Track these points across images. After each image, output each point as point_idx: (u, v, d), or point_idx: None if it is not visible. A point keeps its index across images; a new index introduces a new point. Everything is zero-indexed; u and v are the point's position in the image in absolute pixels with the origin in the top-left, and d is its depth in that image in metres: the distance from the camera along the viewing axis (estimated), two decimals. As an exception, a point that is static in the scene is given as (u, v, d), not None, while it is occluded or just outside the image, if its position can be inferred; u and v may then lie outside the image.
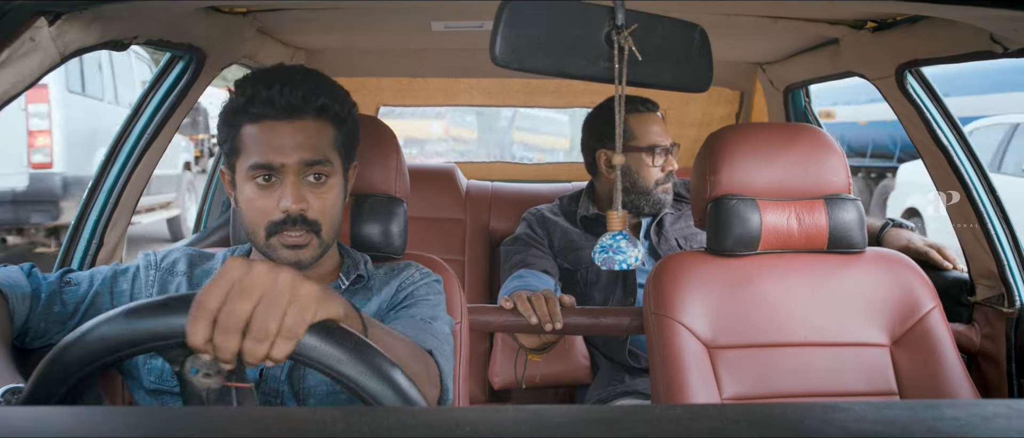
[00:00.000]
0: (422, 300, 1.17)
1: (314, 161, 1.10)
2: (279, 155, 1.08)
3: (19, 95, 1.02)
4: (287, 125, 1.09)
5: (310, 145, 1.10)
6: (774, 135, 1.53)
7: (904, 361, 1.46)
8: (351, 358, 0.70)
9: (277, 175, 1.10)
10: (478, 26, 1.90)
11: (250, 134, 1.10)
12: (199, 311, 0.66)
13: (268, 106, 1.08)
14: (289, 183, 1.09)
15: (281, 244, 1.11)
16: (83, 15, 1.06)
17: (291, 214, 1.09)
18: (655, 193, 1.89)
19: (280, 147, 1.09)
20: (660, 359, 1.44)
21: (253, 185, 1.10)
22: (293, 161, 1.09)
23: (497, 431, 0.42)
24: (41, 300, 1.10)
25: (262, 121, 1.09)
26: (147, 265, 1.20)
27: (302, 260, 1.12)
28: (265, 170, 1.09)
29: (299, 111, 1.10)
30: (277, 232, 1.10)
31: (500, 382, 2.04)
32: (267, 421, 0.45)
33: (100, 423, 0.43)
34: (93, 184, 1.55)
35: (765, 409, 0.46)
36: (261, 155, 1.09)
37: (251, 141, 1.10)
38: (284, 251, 1.11)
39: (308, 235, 1.11)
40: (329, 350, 0.70)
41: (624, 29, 0.94)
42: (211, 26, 1.53)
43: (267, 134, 1.09)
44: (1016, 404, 0.46)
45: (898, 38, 1.57)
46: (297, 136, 1.09)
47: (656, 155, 1.87)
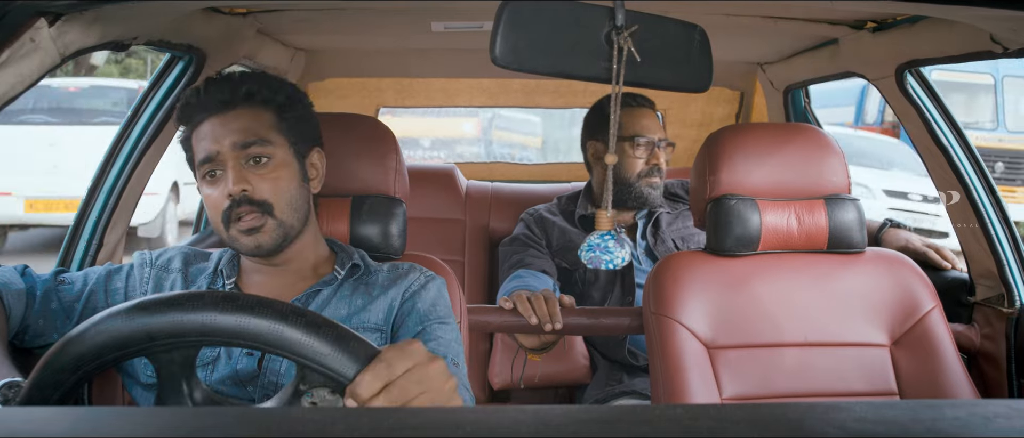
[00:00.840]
0: (443, 323, 1.16)
1: (248, 143, 1.13)
2: (215, 143, 1.13)
3: (19, 95, 1.02)
4: (219, 118, 1.14)
5: (242, 128, 1.14)
6: (774, 135, 1.53)
7: (904, 361, 1.46)
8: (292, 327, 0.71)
9: (219, 167, 1.13)
10: (478, 27, 1.90)
11: (195, 138, 1.16)
12: (382, 372, 0.70)
13: (201, 108, 1.15)
14: (230, 168, 1.12)
15: (239, 231, 1.13)
16: (83, 16, 1.06)
17: (234, 196, 1.11)
18: (637, 185, 1.89)
19: (215, 136, 1.13)
20: (660, 359, 1.43)
21: (206, 184, 1.15)
22: (226, 145, 1.12)
23: (497, 431, 0.42)
24: (38, 298, 1.11)
25: (201, 123, 1.15)
26: (141, 263, 1.20)
27: (262, 243, 1.13)
28: (208, 164, 1.13)
29: (228, 103, 1.15)
30: (231, 219, 1.12)
31: (500, 382, 2.04)
32: (267, 421, 0.45)
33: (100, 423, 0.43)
34: (93, 184, 1.55)
35: (765, 409, 0.46)
36: (202, 150, 1.14)
37: (197, 143, 1.16)
38: (243, 238, 1.13)
39: (261, 216, 1.12)
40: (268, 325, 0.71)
41: (624, 30, 0.94)
42: (211, 26, 1.53)
43: (205, 130, 1.14)
44: (1016, 404, 0.46)
45: (898, 38, 1.57)
46: (229, 125, 1.14)
47: (639, 146, 1.87)
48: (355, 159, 1.39)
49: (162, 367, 0.73)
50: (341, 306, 1.17)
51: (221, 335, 0.70)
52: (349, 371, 0.70)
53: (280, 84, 1.21)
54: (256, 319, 0.70)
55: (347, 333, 0.72)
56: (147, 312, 0.70)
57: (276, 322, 0.70)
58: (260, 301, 0.71)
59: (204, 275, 1.20)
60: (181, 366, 0.73)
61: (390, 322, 1.17)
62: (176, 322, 0.70)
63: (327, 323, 0.71)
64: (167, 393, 0.74)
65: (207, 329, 0.70)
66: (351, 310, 1.17)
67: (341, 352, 0.70)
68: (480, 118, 11.23)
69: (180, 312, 0.70)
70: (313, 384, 0.71)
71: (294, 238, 1.17)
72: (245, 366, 1.10)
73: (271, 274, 1.20)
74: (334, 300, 1.18)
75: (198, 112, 1.15)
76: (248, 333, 0.70)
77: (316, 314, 0.72)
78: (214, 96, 1.15)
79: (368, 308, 1.17)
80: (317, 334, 0.70)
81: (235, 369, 1.10)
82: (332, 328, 0.71)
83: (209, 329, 0.70)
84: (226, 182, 1.12)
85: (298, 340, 0.70)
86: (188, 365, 0.74)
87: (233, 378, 1.09)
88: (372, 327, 1.16)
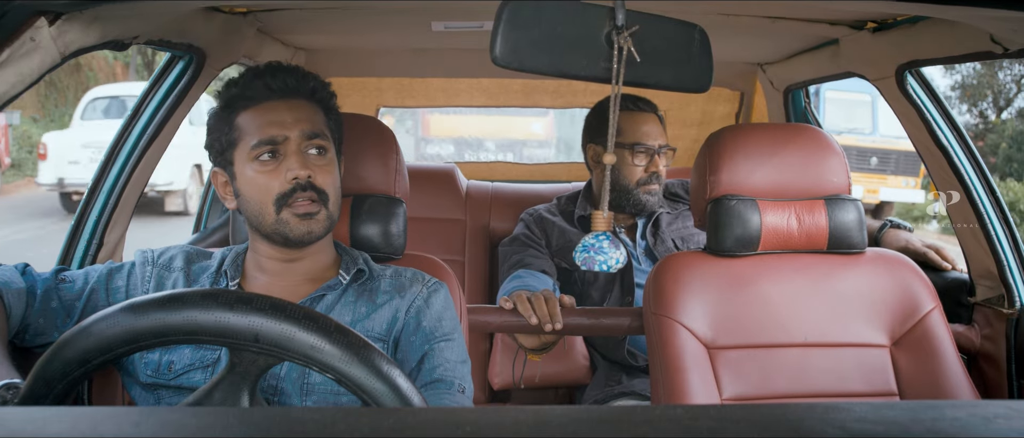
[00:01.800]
0: (448, 339, 1.17)
1: (314, 134, 1.15)
2: (281, 129, 1.13)
3: (19, 95, 1.02)
4: (284, 104, 1.15)
5: (308, 119, 1.16)
6: (774, 135, 1.53)
7: (904, 362, 1.46)
8: (355, 360, 0.73)
9: (280, 149, 1.13)
10: (478, 26, 1.90)
11: (247, 119, 1.15)
12: None
13: (264, 89, 1.14)
14: (293, 154, 1.13)
15: (293, 214, 1.13)
16: (83, 15, 1.06)
17: (300, 180, 1.13)
18: (636, 192, 1.89)
19: (281, 122, 1.13)
20: (660, 359, 1.43)
21: (256, 165, 1.14)
22: (295, 133, 1.13)
23: (497, 431, 0.42)
24: (38, 297, 1.11)
25: (259, 104, 1.14)
26: (143, 261, 1.20)
27: (313, 231, 1.15)
28: (268, 146, 1.13)
29: (294, 91, 1.16)
30: (287, 203, 1.13)
31: (500, 382, 2.04)
32: (267, 421, 0.45)
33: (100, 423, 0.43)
34: (93, 184, 1.55)
35: (765, 409, 0.46)
36: (263, 132, 1.13)
37: (250, 125, 1.14)
38: (296, 221, 1.13)
39: (318, 204, 1.14)
40: (334, 351, 0.72)
41: (624, 29, 0.94)
42: (211, 26, 1.53)
43: (266, 113, 1.14)
44: (1016, 405, 0.46)
45: (898, 38, 1.57)
46: (295, 113, 1.15)
47: (638, 153, 1.88)
48: (355, 159, 1.39)
49: (239, 364, 0.75)
50: (345, 312, 1.17)
51: (320, 364, 0.73)
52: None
53: (329, 88, 1.24)
54: (330, 346, 0.73)
55: (407, 384, 0.75)
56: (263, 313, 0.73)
57: (370, 371, 0.73)
58: (338, 327, 0.74)
59: (206, 274, 1.20)
60: (260, 371, 0.76)
61: (393, 333, 1.17)
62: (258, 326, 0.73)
63: (391, 365, 0.75)
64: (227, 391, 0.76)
65: (311, 354, 0.73)
66: (355, 317, 1.17)
67: (399, 401, 0.74)
68: (552, 117, 10.79)
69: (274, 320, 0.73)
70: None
71: (331, 229, 1.20)
72: None
73: (279, 274, 1.20)
74: (338, 306, 1.18)
75: (259, 93, 1.15)
76: (320, 361, 0.73)
77: (383, 354, 0.75)
78: (280, 82, 1.15)
79: (371, 316, 1.17)
80: (380, 377, 0.74)
81: None
82: (396, 372, 0.75)
83: (312, 355, 0.73)
84: (287, 167, 1.13)
85: (364, 377, 0.73)
86: (261, 372, 0.76)
87: None
88: (375, 337, 1.16)
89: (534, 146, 11.02)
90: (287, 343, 0.72)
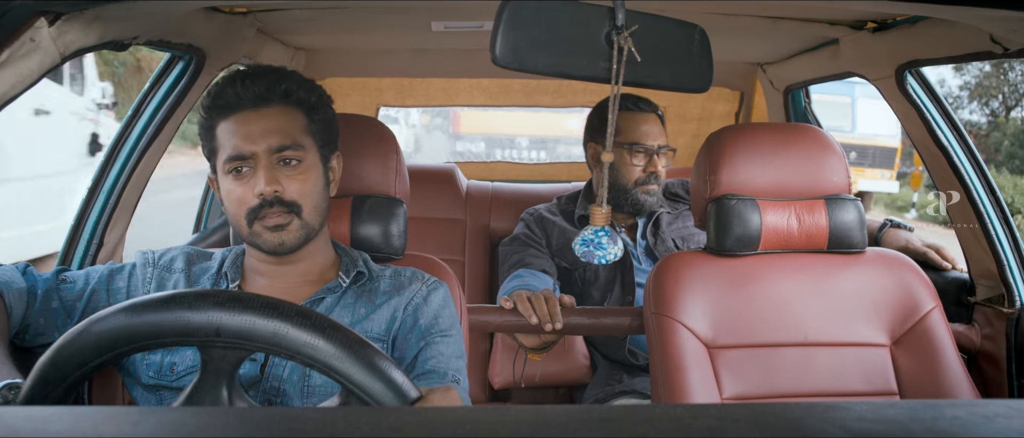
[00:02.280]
0: (445, 335, 1.16)
1: (283, 146, 1.13)
2: (249, 143, 1.12)
3: (19, 95, 1.02)
4: (255, 113, 1.13)
5: (278, 130, 1.14)
6: (774, 135, 1.53)
7: (904, 361, 1.46)
8: (352, 358, 0.74)
9: (250, 164, 1.13)
10: (478, 26, 1.90)
11: (224, 130, 1.14)
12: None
13: (235, 98, 1.13)
14: (261, 168, 1.12)
15: (264, 228, 1.13)
16: (83, 15, 1.06)
17: (266, 197, 1.12)
18: (634, 192, 1.89)
19: (249, 135, 1.12)
20: (660, 359, 1.43)
21: (230, 178, 1.14)
22: (262, 148, 1.12)
23: (497, 431, 0.42)
24: (39, 297, 1.11)
25: (232, 113, 1.14)
26: (144, 263, 1.20)
27: (285, 241, 1.14)
28: (238, 161, 1.12)
29: (265, 99, 1.14)
30: (257, 217, 1.12)
31: (500, 382, 2.04)
32: (267, 421, 0.45)
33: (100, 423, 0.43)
34: (93, 184, 1.55)
35: (765, 409, 0.46)
36: (233, 147, 1.12)
37: (224, 136, 1.14)
38: (267, 234, 1.13)
39: (288, 215, 1.13)
40: (332, 351, 0.72)
41: (624, 29, 0.94)
42: (211, 26, 1.53)
43: (238, 125, 1.13)
44: (1016, 404, 0.46)
45: (898, 38, 1.57)
46: (265, 123, 1.13)
47: (636, 153, 1.88)
48: (355, 159, 1.39)
49: (209, 361, 0.75)
50: (344, 314, 1.17)
51: (288, 350, 0.73)
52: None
53: (312, 86, 1.20)
54: (324, 343, 0.73)
55: (399, 375, 0.76)
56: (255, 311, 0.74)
57: (341, 349, 0.73)
58: (332, 323, 0.75)
59: (207, 276, 1.20)
60: (233, 366, 0.76)
61: (392, 333, 1.17)
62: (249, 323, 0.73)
63: (383, 358, 0.75)
64: (205, 391, 0.76)
65: (276, 341, 0.73)
66: (354, 318, 1.17)
67: (390, 390, 0.74)
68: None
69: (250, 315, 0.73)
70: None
71: (312, 239, 1.18)
72: (248, 371, 1.10)
73: (276, 277, 1.19)
74: (338, 308, 1.18)
75: (230, 105, 1.14)
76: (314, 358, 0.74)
77: (376, 349, 0.76)
78: (250, 91, 1.13)
79: (371, 317, 1.17)
80: (372, 371, 0.74)
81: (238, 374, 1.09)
82: (387, 364, 0.75)
83: (278, 341, 0.73)
84: (256, 181, 1.12)
85: (356, 371, 0.74)
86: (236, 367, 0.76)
87: None
88: (374, 337, 1.16)
89: (570, 143, 10.66)
90: (249, 333, 0.72)
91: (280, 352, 0.73)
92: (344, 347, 0.73)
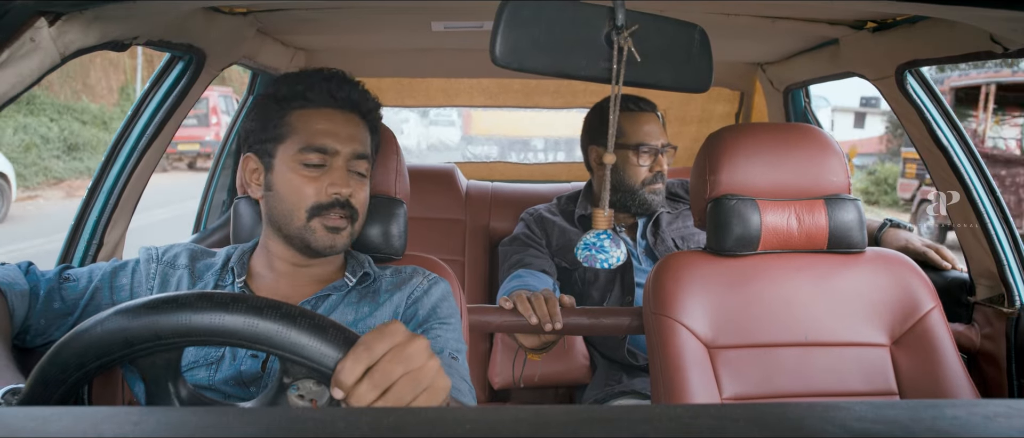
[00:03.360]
0: (444, 323, 1.17)
1: (362, 155, 1.17)
2: (334, 141, 1.14)
3: (19, 96, 1.02)
4: (341, 116, 1.16)
5: (360, 139, 1.17)
6: (774, 135, 1.53)
7: (904, 361, 1.46)
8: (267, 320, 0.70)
9: (328, 160, 1.14)
10: (478, 26, 1.90)
11: (301, 119, 1.15)
12: (362, 356, 0.69)
13: (327, 96, 1.16)
14: (339, 168, 1.15)
15: (323, 225, 1.14)
16: (83, 15, 1.06)
17: (341, 197, 1.14)
18: (641, 193, 1.90)
19: (336, 134, 1.14)
20: (660, 359, 1.43)
21: (300, 168, 1.14)
22: (347, 150, 1.15)
23: (497, 431, 0.42)
24: (41, 297, 1.11)
25: (318, 108, 1.15)
26: (148, 259, 1.20)
27: (337, 245, 1.16)
28: (318, 154, 1.14)
29: (355, 106, 1.18)
30: (320, 214, 1.14)
31: (500, 382, 2.04)
32: (267, 421, 0.45)
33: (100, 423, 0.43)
34: (93, 184, 1.55)
35: (765, 409, 0.46)
36: (316, 139, 1.14)
37: (303, 126, 1.15)
38: (323, 233, 1.14)
39: (347, 221, 1.16)
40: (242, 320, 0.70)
41: (624, 29, 0.94)
42: (211, 26, 1.53)
43: (322, 120, 1.15)
44: (1016, 404, 0.46)
45: (898, 38, 1.57)
46: (350, 129, 1.16)
47: (643, 154, 1.88)
48: None
49: (146, 372, 0.72)
50: (347, 312, 1.18)
51: (199, 334, 0.70)
52: (330, 360, 0.69)
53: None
54: (231, 315, 0.69)
55: (325, 322, 0.71)
56: (126, 316, 0.70)
57: (251, 317, 0.69)
58: (234, 298, 0.70)
59: (211, 272, 1.20)
60: (165, 369, 0.73)
61: None
62: (153, 325, 0.69)
63: (304, 314, 0.71)
64: (154, 397, 0.73)
65: (183, 330, 0.70)
66: (357, 316, 1.18)
67: (320, 341, 0.70)
68: None
69: (157, 315, 0.70)
70: (297, 377, 0.71)
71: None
72: (249, 367, 1.10)
73: (289, 276, 1.20)
74: (342, 306, 1.19)
75: (318, 99, 1.16)
76: (224, 330, 0.69)
77: (291, 306, 0.71)
78: (345, 92, 1.16)
79: (374, 315, 1.18)
80: (294, 325, 0.70)
81: (239, 370, 1.09)
82: (308, 318, 0.70)
83: (185, 330, 0.70)
84: (334, 180, 1.14)
85: (275, 333, 0.69)
86: (172, 368, 0.73)
87: (236, 379, 1.09)
88: None
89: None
90: (186, 330, 0.69)
91: (194, 341, 0.70)
92: (255, 313, 0.69)
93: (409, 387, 0.69)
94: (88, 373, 0.70)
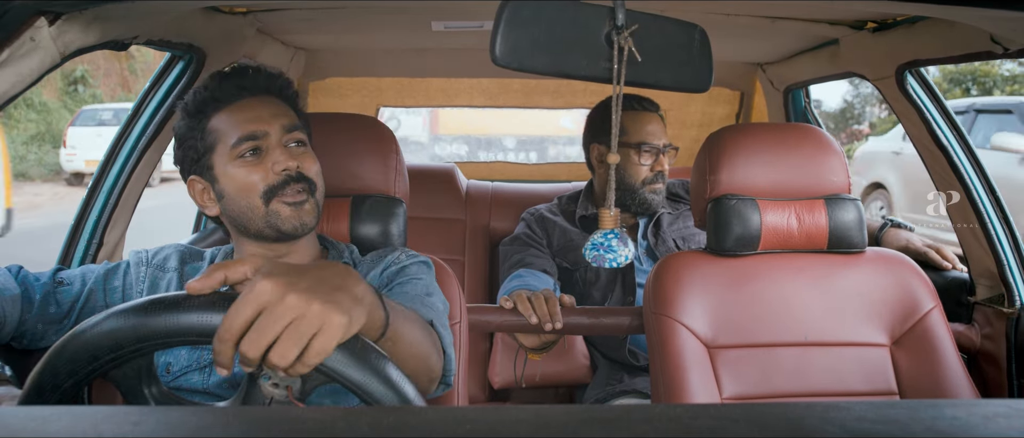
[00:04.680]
0: (414, 278, 1.17)
1: (293, 126, 1.16)
2: (260, 124, 1.14)
3: (19, 95, 1.02)
4: (257, 101, 1.16)
5: (285, 113, 1.17)
6: (774, 135, 1.53)
7: (904, 361, 1.46)
8: (356, 363, 0.71)
9: (262, 144, 1.14)
10: (478, 26, 1.90)
11: (223, 120, 1.15)
12: (225, 334, 0.66)
13: (236, 90, 1.15)
14: (276, 147, 1.14)
15: (283, 204, 1.14)
16: (83, 15, 1.06)
17: (290, 172, 1.13)
18: (642, 192, 1.90)
19: (259, 118, 1.14)
20: (660, 359, 1.43)
21: (239, 163, 1.14)
22: (275, 128, 1.14)
23: (497, 430, 0.42)
24: (36, 302, 1.11)
25: (232, 104, 1.15)
26: (137, 262, 1.20)
27: (306, 222, 1.15)
28: (250, 141, 1.13)
29: (266, 89, 1.17)
30: (277, 195, 1.13)
31: (500, 382, 2.04)
32: (267, 421, 0.45)
33: (100, 423, 0.43)
34: (93, 184, 1.55)
35: (765, 409, 0.46)
36: (243, 129, 1.13)
37: (226, 125, 1.14)
38: (288, 210, 1.14)
39: (306, 194, 1.15)
40: (337, 356, 0.70)
41: (624, 29, 0.94)
42: (211, 26, 1.53)
43: (242, 112, 1.15)
44: (1016, 404, 0.46)
45: (898, 38, 1.57)
46: (271, 108, 1.16)
47: (644, 153, 1.88)
48: (355, 159, 1.39)
49: (119, 383, 0.73)
50: None
51: (136, 342, 0.69)
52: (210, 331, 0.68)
53: (294, 86, 1.25)
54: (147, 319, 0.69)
55: (180, 298, 0.69)
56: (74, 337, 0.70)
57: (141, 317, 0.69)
58: (133, 306, 0.69)
59: (198, 274, 1.20)
60: (136, 379, 0.73)
61: None
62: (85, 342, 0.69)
63: (183, 298, 0.69)
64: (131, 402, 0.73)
65: (115, 342, 0.69)
66: None
67: (209, 312, 0.69)
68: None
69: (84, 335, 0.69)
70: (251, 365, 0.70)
71: (318, 219, 1.20)
72: (241, 370, 1.10)
73: None
74: None
75: (228, 97, 1.15)
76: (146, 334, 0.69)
77: (171, 294, 0.70)
78: (254, 80, 1.16)
79: None
80: (179, 310, 0.69)
81: (232, 372, 1.09)
82: (187, 300, 0.69)
83: (115, 341, 0.69)
84: (272, 160, 1.13)
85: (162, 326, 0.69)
86: (140, 374, 0.73)
87: (230, 381, 1.09)
88: None
89: (562, 143, 9.65)
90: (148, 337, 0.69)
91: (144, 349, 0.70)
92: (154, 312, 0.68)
93: (293, 339, 0.66)
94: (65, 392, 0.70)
